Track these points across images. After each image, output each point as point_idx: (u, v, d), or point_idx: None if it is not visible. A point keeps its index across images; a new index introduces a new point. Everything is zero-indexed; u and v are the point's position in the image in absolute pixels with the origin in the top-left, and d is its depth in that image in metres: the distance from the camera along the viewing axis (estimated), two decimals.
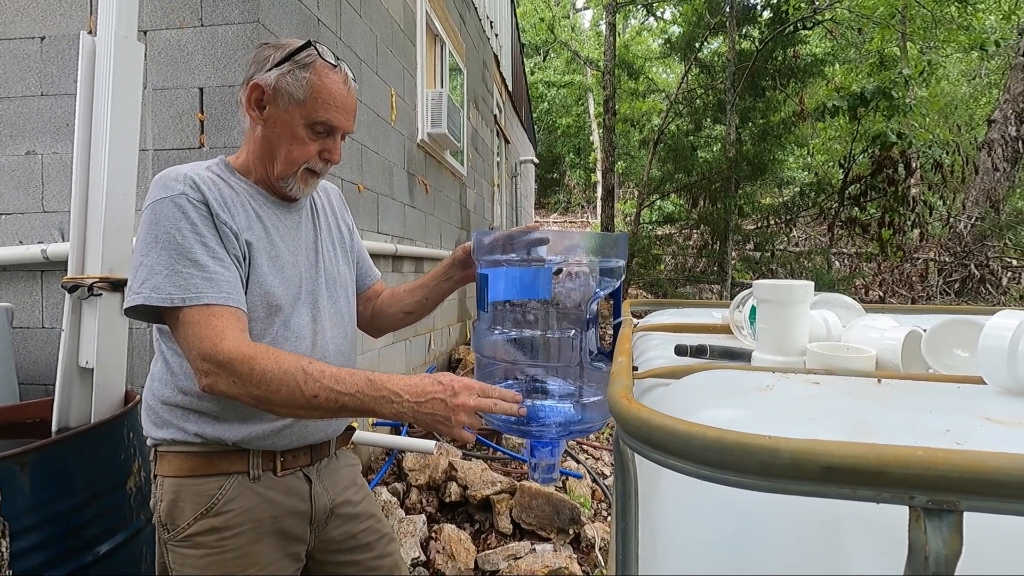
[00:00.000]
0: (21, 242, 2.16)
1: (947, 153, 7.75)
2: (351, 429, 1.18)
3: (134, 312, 0.91)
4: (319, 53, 0.98)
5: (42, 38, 2.15)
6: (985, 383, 0.56)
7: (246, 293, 0.95)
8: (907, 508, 0.30)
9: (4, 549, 1.11)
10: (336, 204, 1.23)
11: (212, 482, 0.97)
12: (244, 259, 0.95)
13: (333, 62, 0.99)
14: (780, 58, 8.26)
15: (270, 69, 0.97)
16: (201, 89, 2.05)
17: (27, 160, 2.16)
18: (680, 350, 0.81)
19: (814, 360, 0.70)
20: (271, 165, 1.00)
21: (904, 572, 0.31)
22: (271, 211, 1.03)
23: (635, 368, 0.86)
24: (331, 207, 1.20)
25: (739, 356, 0.80)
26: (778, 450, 0.31)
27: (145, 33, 2.04)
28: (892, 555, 0.33)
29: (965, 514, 0.30)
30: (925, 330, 0.70)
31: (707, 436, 0.33)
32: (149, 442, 1.02)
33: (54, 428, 1.45)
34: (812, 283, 0.77)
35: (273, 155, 1.00)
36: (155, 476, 1.01)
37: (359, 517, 1.14)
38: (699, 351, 0.80)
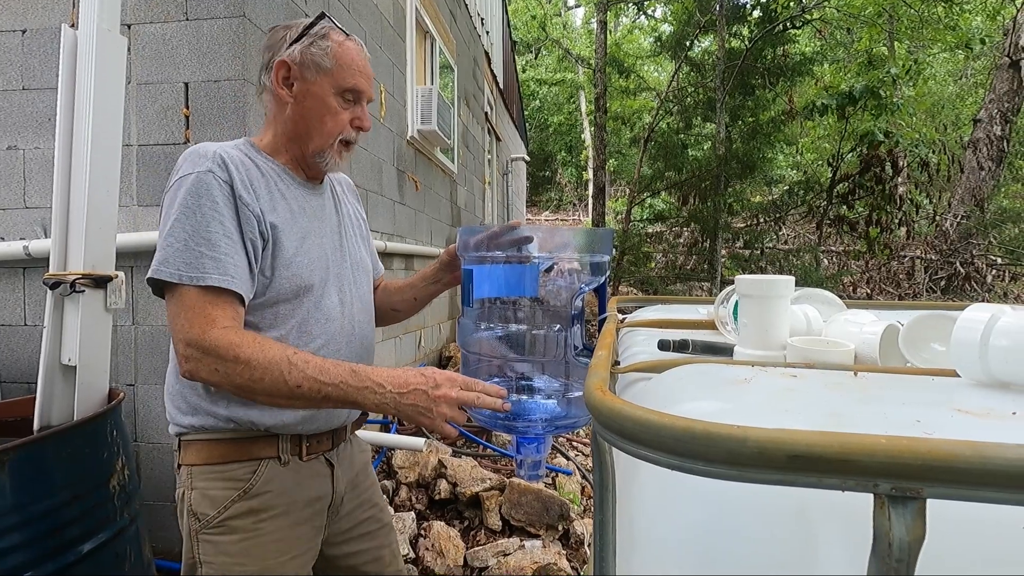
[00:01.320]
0: (2, 238, 2.13)
1: (933, 152, 7.86)
2: (365, 413, 1.17)
3: (153, 285, 0.90)
4: (333, 23, 1.00)
5: (23, 31, 2.12)
6: (958, 375, 0.57)
7: (273, 276, 0.94)
8: (872, 496, 0.31)
9: None
10: (350, 194, 1.23)
11: (245, 467, 0.95)
12: (267, 242, 0.94)
13: (346, 32, 1.01)
14: (769, 57, 8.31)
15: (291, 46, 0.97)
16: (186, 84, 2.03)
17: (8, 155, 2.13)
18: (663, 345, 0.82)
19: (794, 354, 0.71)
20: (307, 141, 1.00)
21: (870, 558, 0.31)
22: (297, 192, 1.02)
23: (618, 363, 0.86)
24: (347, 196, 1.20)
25: (721, 350, 0.81)
26: (745, 439, 0.31)
27: (129, 27, 2.02)
28: (860, 542, 0.33)
29: (928, 501, 0.30)
30: (903, 324, 0.71)
31: (676, 426, 0.33)
32: (173, 430, 0.99)
33: (36, 426, 1.44)
34: (793, 278, 0.77)
35: (309, 130, 1.00)
36: (179, 466, 0.98)
37: (363, 505, 1.14)
38: (682, 346, 0.81)
